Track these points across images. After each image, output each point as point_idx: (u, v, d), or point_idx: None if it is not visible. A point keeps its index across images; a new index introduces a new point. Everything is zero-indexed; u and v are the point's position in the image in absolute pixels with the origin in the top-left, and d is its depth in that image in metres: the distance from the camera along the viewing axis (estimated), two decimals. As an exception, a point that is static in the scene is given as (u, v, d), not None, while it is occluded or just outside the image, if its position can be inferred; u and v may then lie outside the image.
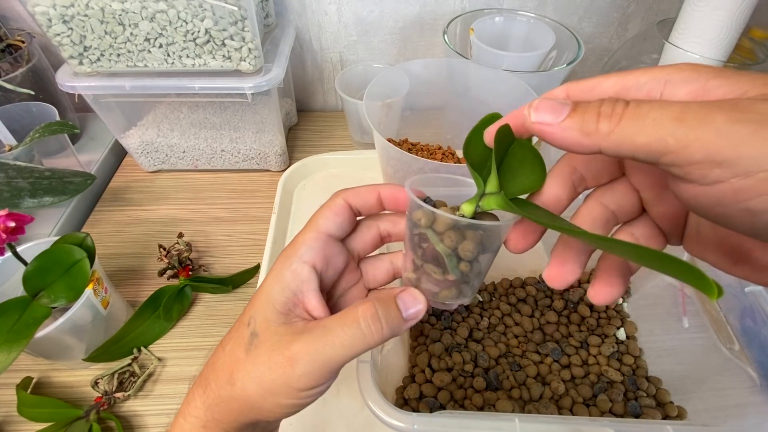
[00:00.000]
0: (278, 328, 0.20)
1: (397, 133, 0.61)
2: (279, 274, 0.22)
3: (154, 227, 0.57)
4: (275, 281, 0.21)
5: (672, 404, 0.38)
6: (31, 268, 0.37)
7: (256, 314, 0.21)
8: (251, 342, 0.20)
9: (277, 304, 0.21)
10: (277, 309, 0.21)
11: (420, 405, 0.38)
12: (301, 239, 0.23)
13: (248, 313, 0.22)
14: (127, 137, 0.60)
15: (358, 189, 0.24)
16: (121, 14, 0.44)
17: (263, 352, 0.20)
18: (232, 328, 0.23)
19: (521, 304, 0.46)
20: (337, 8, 0.64)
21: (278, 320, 0.21)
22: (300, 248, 0.22)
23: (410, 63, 0.53)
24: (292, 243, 0.23)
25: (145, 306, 0.45)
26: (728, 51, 0.49)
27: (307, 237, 0.22)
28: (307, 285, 0.21)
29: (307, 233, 0.23)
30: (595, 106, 0.15)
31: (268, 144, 0.61)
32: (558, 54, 0.61)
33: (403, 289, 0.22)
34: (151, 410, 0.41)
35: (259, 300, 0.21)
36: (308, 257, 0.22)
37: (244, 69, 0.50)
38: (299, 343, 0.19)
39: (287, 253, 0.22)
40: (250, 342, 0.20)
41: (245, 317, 0.22)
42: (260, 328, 0.20)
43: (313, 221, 0.23)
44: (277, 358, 0.19)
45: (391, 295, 0.21)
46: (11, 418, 0.39)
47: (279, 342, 0.20)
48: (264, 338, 0.20)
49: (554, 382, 0.39)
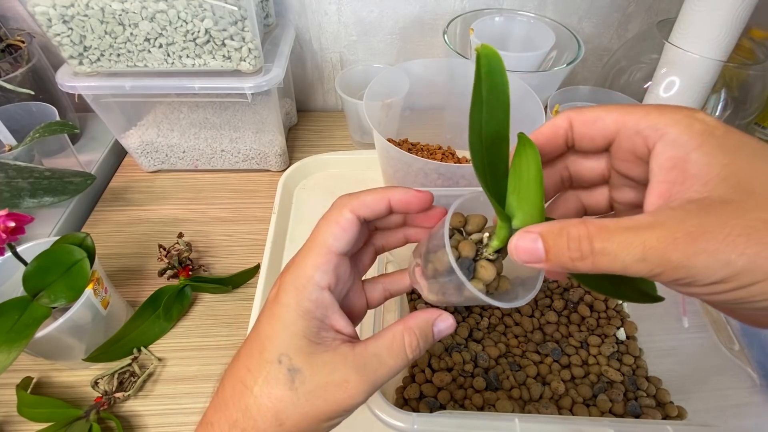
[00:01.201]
0: (322, 358, 0.20)
1: (397, 133, 0.61)
2: (299, 306, 0.21)
3: (154, 227, 0.57)
4: (298, 314, 0.21)
5: (672, 404, 0.38)
6: (31, 268, 0.37)
7: (287, 350, 0.20)
8: (293, 378, 0.20)
9: (309, 335, 0.21)
10: (309, 340, 0.21)
11: (420, 405, 0.38)
12: (312, 262, 0.21)
13: (271, 349, 0.20)
14: (127, 137, 0.60)
15: (366, 198, 0.23)
16: (121, 14, 0.44)
17: (315, 386, 0.20)
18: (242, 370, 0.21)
19: (521, 304, 0.46)
20: (337, 8, 0.64)
21: (316, 350, 0.20)
22: (314, 274, 0.21)
23: (410, 63, 0.53)
24: (302, 264, 0.22)
25: (145, 306, 0.45)
26: (728, 51, 0.49)
27: (318, 260, 0.21)
28: (331, 309, 0.22)
29: (317, 255, 0.22)
30: (563, 249, 0.16)
31: (268, 144, 0.61)
32: (558, 54, 0.61)
33: (439, 315, 0.23)
34: (151, 410, 0.41)
35: (283, 334, 0.21)
36: (324, 282, 0.21)
37: (244, 69, 0.50)
38: (356, 374, 0.20)
39: (299, 279, 0.21)
40: (292, 379, 0.20)
41: (271, 355, 0.20)
42: (300, 363, 0.20)
43: (321, 239, 0.22)
44: (333, 390, 0.20)
45: (429, 322, 0.22)
46: (11, 418, 0.39)
47: (332, 373, 0.20)
48: (311, 372, 0.20)
49: (554, 382, 0.39)
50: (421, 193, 0.23)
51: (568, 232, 0.16)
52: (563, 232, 0.16)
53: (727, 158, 0.15)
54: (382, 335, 0.22)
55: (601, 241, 0.15)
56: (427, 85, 0.55)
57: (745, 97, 0.55)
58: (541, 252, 0.17)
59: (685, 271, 0.14)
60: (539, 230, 0.17)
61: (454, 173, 0.44)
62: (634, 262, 0.15)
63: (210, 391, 0.42)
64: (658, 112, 0.17)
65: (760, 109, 0.56)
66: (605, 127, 0.19)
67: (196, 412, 0.41)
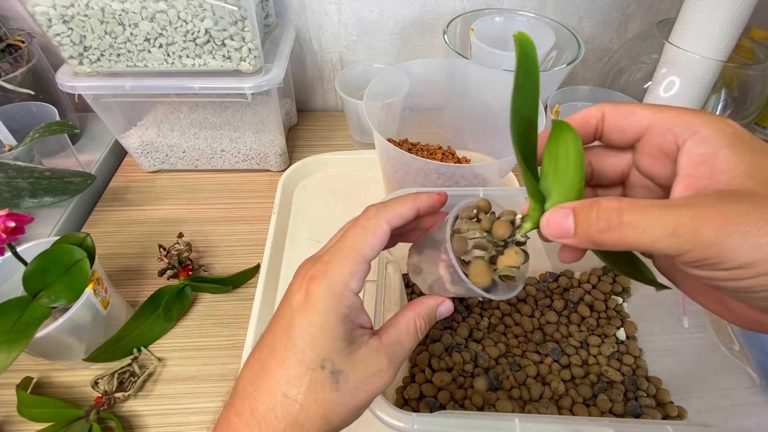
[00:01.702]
0: (358, 355, 0.22)
1: (397, 133, 0.61)
2: (338, 312, 0.22)
3: (154, 227, 0.57)
4: (336, 320, 0.22)
5: (672, 404, 0.38)
6: (31, 268, 0.37)
7: (329, 354, 0.21)
8: (337, 380, 0.21)
9: (346, 337, 0.22)
10: (347, 341, 0.22)
11: (420, 405, 0.38)
12: (348, 269, 0.22)
13: (313, 357, 0.21)
14: (127, 137, 0.60)
15: (400, 209, 0.24)
16: (121, 14, 0.44)
17: (357, 382, 0.22)
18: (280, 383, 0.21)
19: (521, 303, 0.46)
20: (337, 8, 0.64)
21: (352, 349, 0.22)
22: (351, 281, 0.22)
23: (410, 63, 0.53)
24: (337, 270, 0.22)
25: (145, 306, 0.45)
26: (728, 51, 0.49)
27: (355, 268, 0.22)
28: (360, 310, 0.23)
29: (354, 263, 0.22)
30: (593, 221, 0.17)
31: (268, 144, 0.61)
32: (558, 54, 0.61)
33: (441, 302, 0.26)
34: (151, 410, 0.41)
35: (323, 340, 0.21)
36: (358, 288, 0.23)
37: (244, 69, 0.50)
38: (387, 361, 0.23)
39: (336, 287, 0.22)
40: (336, 380, 0.21)
41: (313, 362, 0.21)
42: (342, 364, 0.22)
43: (358, 247, 0.23)
44: (372, 380, 0.22)
45: (433, 307, 0.25)
46: (11, 418, 0.39)
47: (370, 367, 0.22)
48: (352, 370, 0.22)
49: (554, 382, 0.39)
50: (441, 195, 0.26)
51: (599, 204, 0.17)
52: (594, 204, 0.17)
53: (755, 157, 0.16)
54: (398, 322, 0.24)
55: (632, 214, 0.16)
56: (427, 85, 0.55)
57: (745, 97, 0.55)
58: (570, 226, 0.18)
59: (715, 250, 0.15)
60: (572, 206, 0.18)
61: (454, 173, 0.44)
62: (663, 236, 0.15)
63: (210, 391, 0.42)
64: (691, 114, 0.18)
65: (760, 109, 0.56)
66: (638, 120, 0.19)
67: (196, 412, 0.41)
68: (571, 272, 0.48)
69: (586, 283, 0.47)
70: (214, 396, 0.42)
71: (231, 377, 0.42)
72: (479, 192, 0.36)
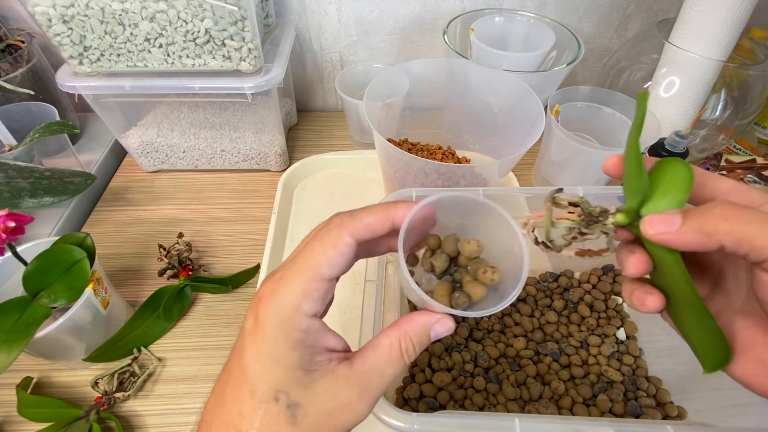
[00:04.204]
0: (321, 385, 0.19)
1: (397, 133, 0.61)
2: (288, 338, 0.19)
3: (154, 227, 0.57)
4: (288, 346, 0.19)
5: (672, 404, 0.38)
6: (31, 268, 0.37)
7: (282, 386, 0.19)
8: (294, 414, 0.19)
9: (303, 365, 0.19)
10: (305, 370, 0.19)
11: (420, 405, 0.38)
12: (299, 289, 0.19)
13: (264, 389, 0.19)
14: (127, 137, 0.60)
15: (368, 220, 0.21)
16: (121, 14, 0.44)
17: (318, 415, 0.19)
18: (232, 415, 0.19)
19: (521, 303, 0.46)
20: (337, 8, 0.64)
21: (313, 378, 0.19)
22: (302, 303, 0.19)
23: (410, 63, 0.53)
24: (286, 290, 0.19)
25: (145, 306, 0.45)
26: (728, 51, 0.49)
27: (308, 287, 0.19)
28: (321, 333, 0.20)
29: (307, 281, 0.19)
30: (709, 209, 0.18)
31: (268, 144, 0.61)
32: (558, 54, 0.61)
33: (437, 320, 0.22)
34: (151, 410, 0.41)
35: (275, 370, 0.19)
36: (313, 311, 0.20)
37: (244, 69, 0.50)
38: (358, 392, 0.20)
39: (284, 309, 0.19)
40: (293, 415, 0.19)
41: (265, 394, 0.19)
42: (298, 397, 0.19)
43: (314, 264, 0.20)
44: (338, 414, 0.19)
45: (426, 326, 0.22)
46: (11, 418, 0.39)
47: (334, 399, 0.19)
48: (311, 403, 0.19)
49: (554, 382, 0.39)
50: (428, 209, 0.22)
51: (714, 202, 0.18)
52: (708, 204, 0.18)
53: None
54: (378, 343, 0.21)
55: (754, 210, 0.17)
56: (427, 85, 0.55)
57: (745, 97, 0.55)
58: (677, 219, 0.18)
59: None
60: (679, 210, 0.18)
61: (454, 173, 0.44)
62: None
63: (209, 390, 0.42)
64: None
65: (760, 109, 0.56)
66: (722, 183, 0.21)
67: (196, 412, 0.41)
68: (571, 272, 0.48)
69: (586, 283, 0.47)
70: (214, 396, 0.42)
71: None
72: (479, 192, 0.36)
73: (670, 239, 0.18)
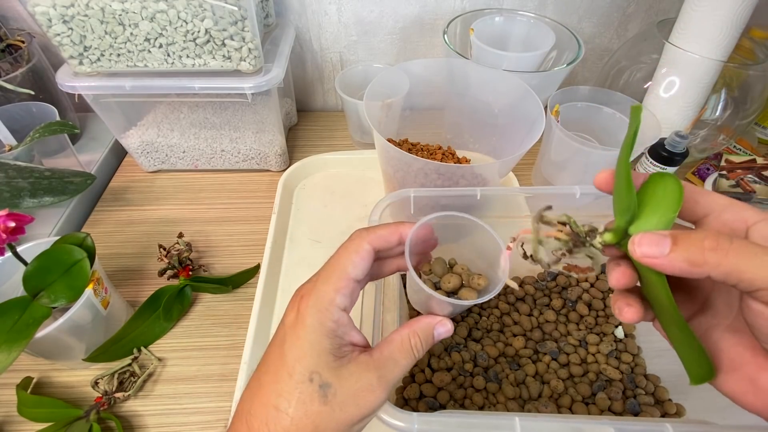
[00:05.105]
0: (347, 369, 0.23)
1: (397, 133, 0.61)
2: (323, 326, 0.23)
3: (154, 227, 0.57)
4: (322, 333, 0.23)
5: (671, 402, 0.38)
6: (31, 268, 0.37)
7: (316, 367, 0.22)
8: (325, 393, 0.22)
9: (333, 351, 0.23)
10: (334, 355, 0.23)
11: (420, 405, 0.38)
12: (333, 287, 0.24)
13: (301, 370, 0.22)
14: (127, 137, 0.60)
15: (381, 232, 0.26)
16: (121, 14, 0.45)
17: (345, 396, 0.22)
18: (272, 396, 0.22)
19: (520, 303, 0.46)
20: (337, 8, 0.64)
21: (341, 363, 0.23)
22: (335, 297, 0.23)
23: (410, 63, 0.53)
24: (323, 288, 0.24)
25: (145, 306, 0.45)
26: (728, 51, 0.49)
27: (339, 285, 0.24)
28: (348, 327, 0.24)
29: (338, 280, 0.24)
30: (698, 239, 0.18)
31: (268, 144, 0.61)
32: (558, 54, 0.61)
33: (439, 321, 0.26)
34: (151, 410, 0.41)
35: (310, 353, 0.22)
36: (343, 304, 0.24)
37: (244, 69, 0.50)
38: (378, 377, 0.23)
39: (321, 302, 0.23)
40: (324, 393, 0.22)
41: (302, 375, 0.22)
42: (330, 378, 0.22)
43: (342, 266, 0.24)
44: (362, 395, 0.23)
45: (430, 326, 0.26)
46: (11, 418, 0.39)
47: (358, 381, 0.23)
48: (340, 384, 0.22)
49: (553, 381, 0.40)
50: (425, 228, 0.27)
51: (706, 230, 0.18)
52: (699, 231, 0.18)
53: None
54: (392, 339, 0.25)
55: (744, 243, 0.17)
56: (427, 85, 0.55)
57: (745, 97, 0.55)
58: (666, 244, 0.18)
59: None
60: (668, 232, 0.19)
61: (453, 173, 0.44)
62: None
63: (210, 391, 0.42)
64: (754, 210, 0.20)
65: (760, 109, 0.56)
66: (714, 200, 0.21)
67: (196, 412, 0.41)
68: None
69: (584, 281, 0.47)
70: (214, 396, 0.42)
71: (231, 377, 0.42)
72: (476, 192, 0.36)
73: (657, 264, 0.18)
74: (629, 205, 0.20)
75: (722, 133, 0.58)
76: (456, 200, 0.36)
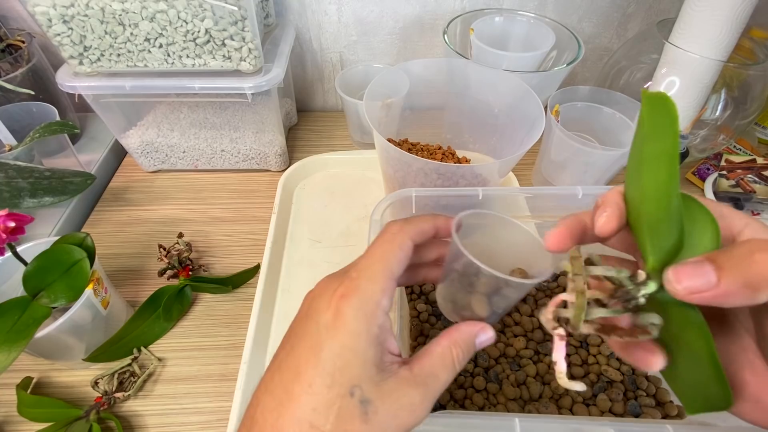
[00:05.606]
0: (388, 385, 0.20)
1: (397, 133, 0.61)
2: (369, 333, 0.20)
3: (154, 227, 0.57)
4: (368, 341, 0.20)
5: (672, 403, 0.38)
6: (31, 268, 0.37)
7: (359, 381, 0.20)
8: (366, 411, 0.19)
9: (377, 362, 0.20)
10: (378, 367, 0.20)
11: (420, 405, 0.38)
12: (379, 287, 0.21)
13: (342, 382, 0.19)
14: (127, 137, 0.60)
15: (421, 225, 0.24)
16: (121, 14, 0.45)
17: (386, 415, 0.20)
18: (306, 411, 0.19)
19: (520, 303, 0.46)
20: (337, 8, 0.64)
21: (382, 377, 0.20)
22: (382, 299, 0.21)
23: (410, 63, 0.53)
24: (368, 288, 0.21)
25: (145, 306, 0.45)
26: (728, 51, 0.49)
27: (385, 285, 0.21)
28: (389, 333, 0.22)
29: (384, 280, 0.21)
30: (745, 255, 0.15)
31: (268, 144, 0.61)
32: (558, 54, 0.61)
33: (481, 328, 0.23)
34: (151, 410, 0.41)
35: (354, 364, 0.20)
36: (388, 307, 0.21)
37: (244, 69, 0.50)
38: (419, 395, 0.20)
39: (368, 305, 0.21)
40: (365, 411, 0.19)
41: (342, 388, 0.19)
42: (371, 393, 0.20)
43: (386, 264, 0.22)
44: (403, 414, 0.20)
45: (472, 335, 0.23)
46: (11, 418, 0.39)
47: (400, 399, 0.20)
48: (381, 401, 0.20)
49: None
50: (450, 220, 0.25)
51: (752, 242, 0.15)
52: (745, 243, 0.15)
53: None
54: (432, 351, 0.22)
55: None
56: (427, 85, 0.55)
57: (745, 97, 0.55)
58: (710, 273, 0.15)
59: None
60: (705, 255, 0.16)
61: (453, 173, 0.44)
62: None
63: (210, 391, 0.42)
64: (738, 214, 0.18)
65: (760, 109, 0.56)
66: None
67: (196, 412, 0.41)
68: (571, 272, 0.48)
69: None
70: (214, 396, 0.42)
71: (231, 377, 0.42)
72: (478, 192, 0.36)
73: (708, 297, 0.15)
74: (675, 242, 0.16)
75: (722, 133, 0.58)
76: (458, 200, 0.36)
